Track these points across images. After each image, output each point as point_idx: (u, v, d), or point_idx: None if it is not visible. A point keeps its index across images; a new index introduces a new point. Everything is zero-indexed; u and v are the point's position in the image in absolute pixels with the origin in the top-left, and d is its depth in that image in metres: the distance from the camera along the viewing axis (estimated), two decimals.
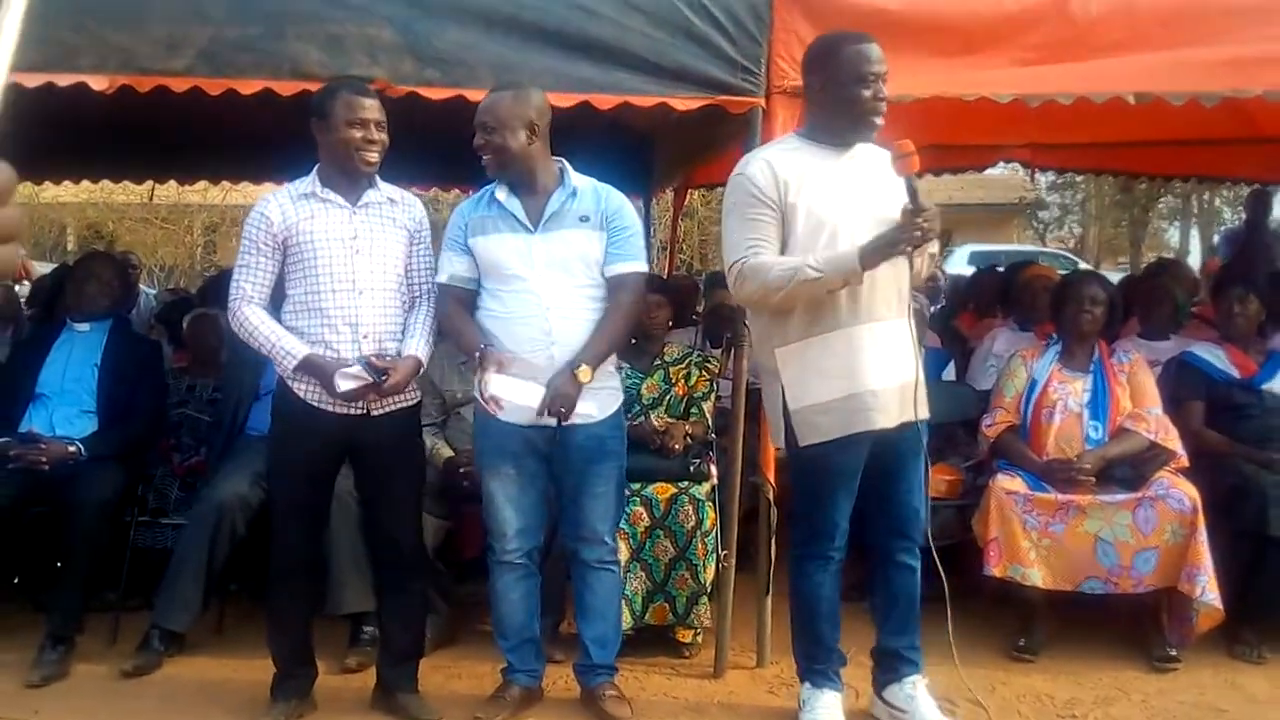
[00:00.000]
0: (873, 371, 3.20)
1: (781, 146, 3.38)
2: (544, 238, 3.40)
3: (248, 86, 3.58)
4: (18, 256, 0.81)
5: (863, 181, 3.25)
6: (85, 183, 7.84)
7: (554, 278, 3.39)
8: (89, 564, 3.97)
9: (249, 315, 3.35)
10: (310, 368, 3.31)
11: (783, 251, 3.23)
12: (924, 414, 3.30)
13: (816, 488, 3.34)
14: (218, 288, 5.65)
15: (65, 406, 4.26)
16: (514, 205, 3.42)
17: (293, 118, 3.62)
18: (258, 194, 7.73)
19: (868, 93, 3.19)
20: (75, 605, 3.96)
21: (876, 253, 3.08)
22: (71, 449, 4.08)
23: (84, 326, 4.43)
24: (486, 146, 3.38)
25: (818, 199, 3.22)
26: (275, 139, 4.90)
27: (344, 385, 3.28)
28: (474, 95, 3.63)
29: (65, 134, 4.87)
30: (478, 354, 3.35)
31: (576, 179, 3.48)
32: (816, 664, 3.46)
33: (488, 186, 3.50)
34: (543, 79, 3.52)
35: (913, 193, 3.13)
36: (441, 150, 5.79)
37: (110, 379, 4.33)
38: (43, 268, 8.32)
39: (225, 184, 8.06)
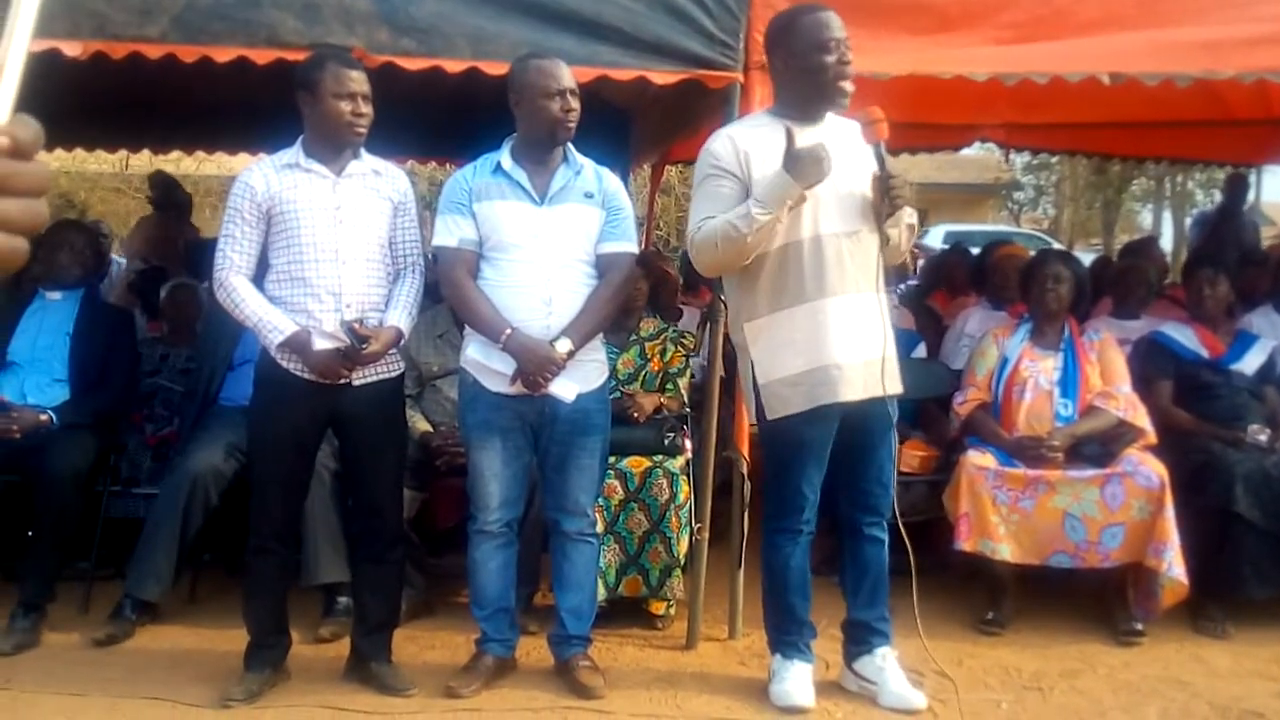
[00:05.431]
0: (838, 345, 3.22)
1: (747, 123, 3.40)
2: (550, 210, 3.42)
3: (222, 54, 3.54)
4: (45, 212, 0.83)
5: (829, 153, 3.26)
6: (58, 151, 7.71)
7: (556, 250, 3.40)
8: (61, 533, 3.97)
9: (237, 286, 3.33)
10: (296, 345, 3.30)
11: None
12: (894, 389, 3.33)
13: (785, 460, 3.37)
14: (201, 256, 5.62)
15: (37, 375, 4.23)
16: (520, 175, 3.43)
17: (268, 87, 3.59)
18: (232, 165, 7.68)
19: (830, 58, 3.18)
20: (47, 574, 3.96)
21: (802, 161, 3.05)
22: (43, 417, 4.06)
23: (56, 295, 4.39)
24: (574, 114, 3.39)
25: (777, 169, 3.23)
26: (250, 109, 4.85)
27: (320, 343, 3.28)
28: (451, 66, 3.62)
29: (37, 101, 4.74)
30: (504, 337, 3.33)
31: (579, 156, 3.50)
32: (787, 635, 3.49)
33: (488, 154, 3.49)
34: (520, 51, 3.50)
35: (881, 159, 3.14)
36: (418, 121, 5.75)
37: (82, 348, 4.30)
38: None
39: (199, 154, 7.95)
